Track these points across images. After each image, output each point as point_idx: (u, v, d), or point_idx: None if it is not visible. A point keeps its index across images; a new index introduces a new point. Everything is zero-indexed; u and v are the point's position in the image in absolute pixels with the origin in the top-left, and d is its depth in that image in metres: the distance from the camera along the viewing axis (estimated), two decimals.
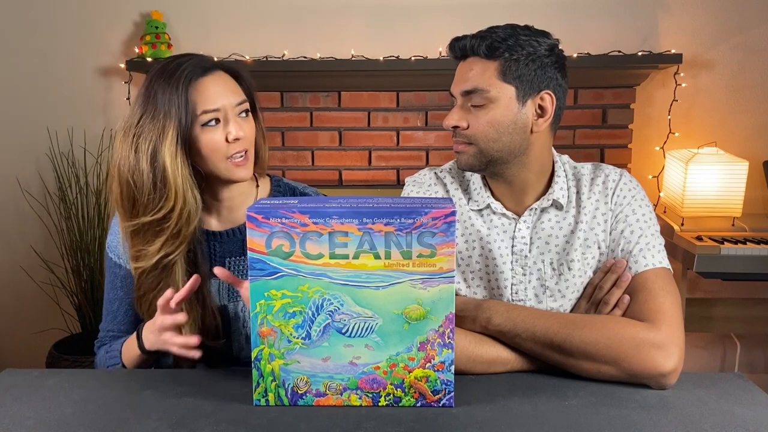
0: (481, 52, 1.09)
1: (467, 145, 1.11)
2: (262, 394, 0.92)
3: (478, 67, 1.09)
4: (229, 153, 1.12)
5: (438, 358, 0.90)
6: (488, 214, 1.18)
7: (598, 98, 2.52)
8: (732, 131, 2.55)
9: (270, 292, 0.89)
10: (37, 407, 0.93)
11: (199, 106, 1.09)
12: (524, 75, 1.08)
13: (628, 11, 2.51)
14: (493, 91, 1.08)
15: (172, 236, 1.10)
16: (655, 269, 1.07)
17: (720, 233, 2.22)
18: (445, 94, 2.54)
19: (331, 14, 2.56)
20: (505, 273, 1.14)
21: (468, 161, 1.12)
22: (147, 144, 1.08)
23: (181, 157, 1.09)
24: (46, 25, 2.61)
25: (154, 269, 1.12)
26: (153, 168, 1.08)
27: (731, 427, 0.85)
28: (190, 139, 1.10)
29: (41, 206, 2.68)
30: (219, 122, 1.12)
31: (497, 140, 1.09)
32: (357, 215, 0.86)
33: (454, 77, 1.14)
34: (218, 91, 1.12)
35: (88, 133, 2.63)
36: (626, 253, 1.10)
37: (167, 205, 1.09)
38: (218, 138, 1.11)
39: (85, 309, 2.56)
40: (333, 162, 2.61)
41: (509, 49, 1.08)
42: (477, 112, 1.09)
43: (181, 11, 2.58)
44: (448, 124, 1.12)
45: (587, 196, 1.16)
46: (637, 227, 1.11)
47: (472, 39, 1.10)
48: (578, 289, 1.13)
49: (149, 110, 1.09)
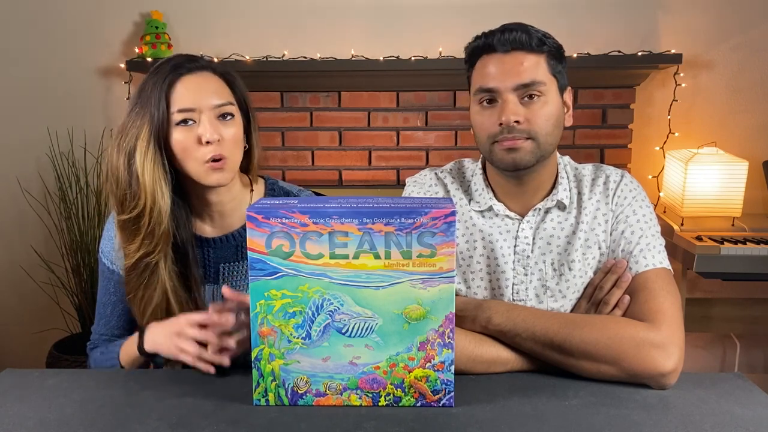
0: (533, 44, 1.07)
1: (526, 140, 1.07)
2: (262, 394, 0.92)
3: (529, 61, 1.07)
4: (202, 156, 1.09)
5: (438, 358, 0.90)
6: (490, 216, 1.17)
7: (598, 98, 2.52)
8: (732, 131, 2.55)
9: (270, 292, 0.89)
10: (37, 407, 0.93)
11: (175, 104, 1.08)
12: (560, 69, 1.11)
13: (628, 11, 2.51)
14: (547, 84, 1.08)
15: (147, 235, 1.10)
16: (656, 269, 1.07)
17: (720, 233, 2.22)
18: (445, 94, 2.54)
19: (331, 14, 2.56)
20: (506, 273, 1.14)
21: (525, 158, 1.08)
22: (127, 142, 1.09)
23: (152, 155, 1.08)
24: (46, 25, 2.61)
25: (135, 268, 1.12)
26: (128, 165, 1.08)
27: (731, 427, 0.85)
28: (165, 137, 1.09)
29: (41, 206, 2.68)
30: (194, 123, 1.09)
31: (552, 134, 1.09)
32: (357, 215, 0.86)
33: (491, 71, 1.08)
34: (197, 90, 1.10)
35: (88, 133, 2.63)
36: (627, 254, 1.10)
37: (139, 203, 1.08)
38: (189, 138, 1.09)
39: (85, 309, 2.56)
40: (333, 162, 2.61)
41: (548, 41, 1.09)
42: (533, 106, 1.07)
43: (181, 11, 2.57)
44: (509, 119, 1.05)
45: (588, 196, 1.16)
46: (637, 228, 1.11)
47: (521, 32, 1.08)
48: (579, 289, 1.13)
49: (135, 108, 1.10)
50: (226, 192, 1.18)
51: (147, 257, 1.11)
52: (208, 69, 1.13)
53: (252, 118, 1.20)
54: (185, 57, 1.13)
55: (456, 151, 2.57)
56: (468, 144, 2.57)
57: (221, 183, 1.12)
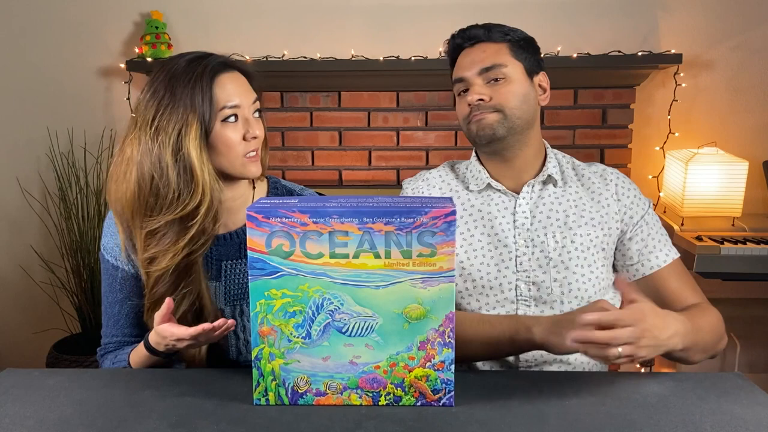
0: (493, 36, 1.22)
1: (492, 113, 1.19)
2: (263, 393, 0.92)
3: (491, 49, 1.22)
4: (245, 151, 1.12)
5: (438, 357, 0.90)
6: (488, 194, 1.24)
7: (598, 98, 2.52)
8: (732, 131, 2.55)
9: (270, 292, 0.89)
10: (37, 407, 0.93)
11: (221, 101, 1.09)
12: (527, 56, 1.23)
13: (628, 11, 2.51)
14: (509, 66, 1.20)
15: (199, 233, 1.08)
16: (676, 260, 1.22)
17: (720, 233, 2.22)
18: (445, 94, 2.54)
19: (331, 14, 2.56)
20: (508, 246, 1.19)
21: (493, 125, 1.19)
22: (169, 138, 1.06)
23: (204, 152, 1.08)
24: (46, 25, 2.61)
25: (174, 271, 1.09)
26: (177, 162, 1.06)
27: (731, 426, 0.85)
28: (210, 134, 1.09)
29: (41, 206, 2.68)
30: (237, 119, 1.11)
31: (519, 108, 1.19)
32: (357, 215, 0.86)
33: (461, 64, 1.24)
34: (237, 88, 1.12)
35: (88, 133, 2.63)
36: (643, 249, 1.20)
37: (194, 200, 1.06)
38: (237, 135, 1.11)
39: (85, 309, 2.56)
40: (333, 162, 2.61)
41: (511, 33, 1.23)
42: (497, 86, 1.20)
43: (181, 11, 2.58)
44: (473, 98, 1.19)
45: (589, 178, 1.25)
46: (652, 223, 1.23)
47: (480, 28, 1.24)
48: (581, 263, 1.17)
49: (168, 104, 1.06)
50: (238, 187, 1.19)
51: (191, 255, 1.09)
52: (236, 67, 1.15)
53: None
54: (216, 56, 1.13)
55: (456, 151, 2.57)
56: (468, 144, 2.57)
57: (257, 174, 1.15)
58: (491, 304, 1.18)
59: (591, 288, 1.17)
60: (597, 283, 1.18)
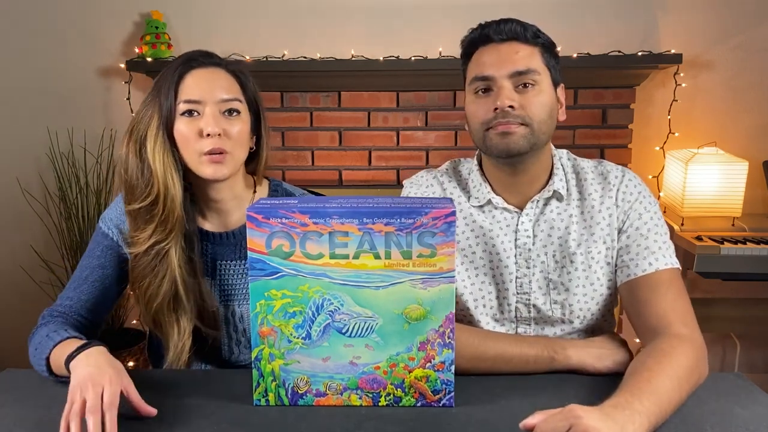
0: (528, 36, 1.11)
1: (520, 126, 1.08)
2: (263, 394, 0.92)
3: (524, 51, 1.11)
4: (200, 147, 1.10)
5: (438, 358, 0.90)
6: (490, 210, 1.18)
7: (598, 98, 2.51)
8: (732, 131, 2.55)
9: (270, 292, 0.89)
10: (37, 407, 0.93)
11: (181, 95, 1.11)
12: (553, 64, 1.14)
13: (628, 11, 2.51)
14: (542, 74, 1.11)
15: (161, 223, 1.11)
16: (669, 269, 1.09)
17: (720, 233, 2.22)
18: (445, 94, 2.54)
19: (331, 14, 2.56)
20: (509, 267, 1.15)
21: (519, 142, 1.08)
22: (139, 131, 1.11)
23: (162, 144, 1.10)
24: (45, 25, 2.61)
25: (146, 255, 1.12)
26: (139, 153, 1.11)
27: (731, 427, 0.85)
28: (171, 127, 1.11)
29: (41, 206, 2.68)
30: (198, 115, 1.11)
31: (546, 122, 1.11)
32: (357, 215, 0.86)
33: (487, 60, 1.11)
34: (204, 84, 1.12)
35: (88, 133, 2.63)
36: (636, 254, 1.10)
37: (152, 191, 1.10)
38: (191, 130, 1.10)
39: None
40: (333, 162, 2.61)
41: (542, 36, 1.13)
42: (526, 94, 1.10)
43: (181, 11, 2.57)
44: (505, 103, 1.07)
45: (589, 191, 1.17)
46: (646, 227, 1.12)
47: (516, 24, 1.12)
48: (582, 283, 1.13)
49: (148, 99, 1.13)
50: (227, 190, 1.18)
51: (159, 244, 1.11)
52: (221, 66, 1.16)
53: (263, 119, 1.20)
54: (200, 52, 1.16)
55: (456, 151, 2.57)
56: (468, 144, 2.57)
57: (216, 177, 1.12)
58: (491, 324, 1.16)
59: (594, 306, 1.14)
60: (600, 300, 1.14)
